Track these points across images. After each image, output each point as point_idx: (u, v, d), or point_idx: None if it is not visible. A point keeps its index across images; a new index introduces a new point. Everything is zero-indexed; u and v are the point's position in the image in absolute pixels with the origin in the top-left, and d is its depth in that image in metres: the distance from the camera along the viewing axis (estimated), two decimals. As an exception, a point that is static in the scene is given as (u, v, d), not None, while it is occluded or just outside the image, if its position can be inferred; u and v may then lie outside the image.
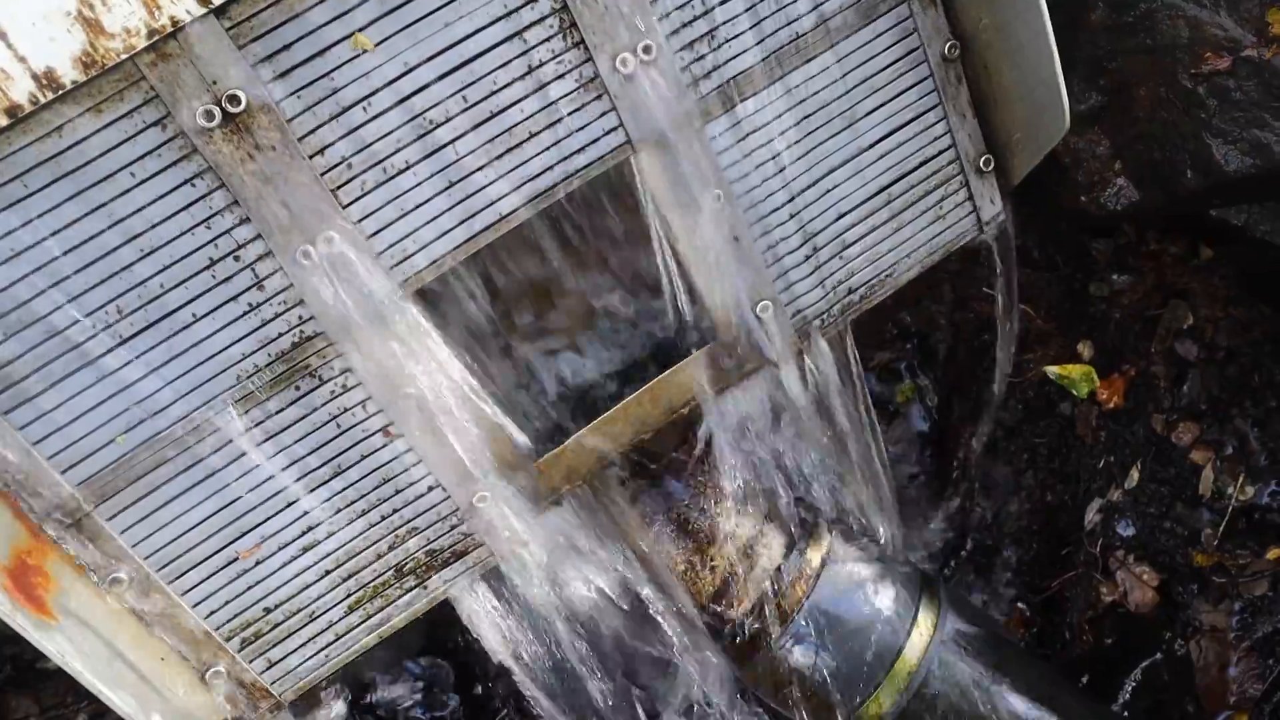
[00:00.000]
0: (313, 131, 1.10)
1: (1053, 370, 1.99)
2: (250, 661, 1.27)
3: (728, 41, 1.24)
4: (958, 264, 2.06)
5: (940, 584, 1.70)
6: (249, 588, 1.24)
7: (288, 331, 1.16)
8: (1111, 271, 1.97)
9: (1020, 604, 2.06)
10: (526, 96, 1.17)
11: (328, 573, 1.28)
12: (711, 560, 1.56)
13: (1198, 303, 1.91)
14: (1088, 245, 1.97)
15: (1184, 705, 1.76)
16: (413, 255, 1.18)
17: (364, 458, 1.24)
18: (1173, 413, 1.92)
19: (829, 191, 1.37)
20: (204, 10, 1.00)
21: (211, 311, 1.12)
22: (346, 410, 1.21)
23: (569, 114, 1.19)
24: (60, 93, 0.98)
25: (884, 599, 1.61)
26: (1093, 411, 1.99)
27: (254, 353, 1.16)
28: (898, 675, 1.58)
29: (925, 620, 1.62)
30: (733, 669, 1.63)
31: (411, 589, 1.33)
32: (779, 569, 1.57)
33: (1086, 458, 1.99)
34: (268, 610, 1.26)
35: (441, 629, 1.91)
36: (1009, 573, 2.08)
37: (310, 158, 1.10)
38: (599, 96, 1.20)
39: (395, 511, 1.28)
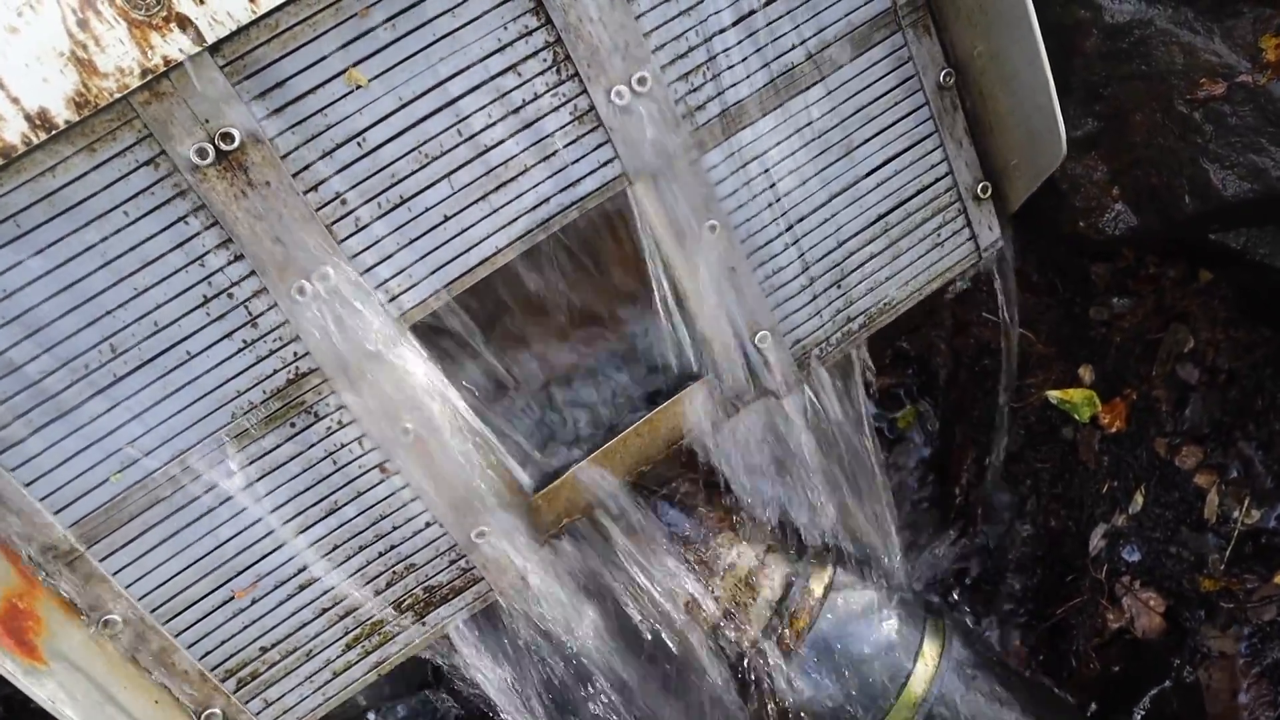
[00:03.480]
0: (307, 168, 1.09)
1: (1054, 395, 1.98)
2: (246, 702, 1.25)
3: (723, 72, 1.24)
4: (957, 288, 2.06)
5: (945, 613, 1.68)
6: (245, 627, 1.23)
7: (282, 368, 1.15)
8: (1111, 295, 1.96)
9: (1025, 631, 2.04)
10: (522, 130, 1.17)
11: (324, 610, 1.26)
12: (713, 591, 1.54)
13: (1198, 326, 1.90)
14: (1087, 269, 1.96)
15: (1194, 734, 1.74)
16: (408, 290, 1.17)
17: (360, 494, 1.23)
18: (1176, 436, 1.91)
19: (826, 221, 1.37)
20: (198, 49, 1.00)
21: (205, 349, 1.12)
22: (343, 447, 1.20)
23: (564, 147, 1.19)
24: (53, 133, 0.98)
25: (888, 629, 1.60)
26: (1095, 436, 1.98)
27: (248, 390, 1.15)
28: (903, 706, 1.56)
29: (930, 650, 1.60)
30: (736, 701, 1.61)
31: (410, 625, 1.31)
32: (781, 599, 1.56)
33: (1090, 482, 1.98)
34: (264, 649, 1.25)
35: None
36: (1013, 600, 2.06)
37: (304, 194, 1.10)
38: (594, 129, 1.20)
39: (393, 548, 1.27)
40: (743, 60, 1.25)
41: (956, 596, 2.08)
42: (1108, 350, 1.97)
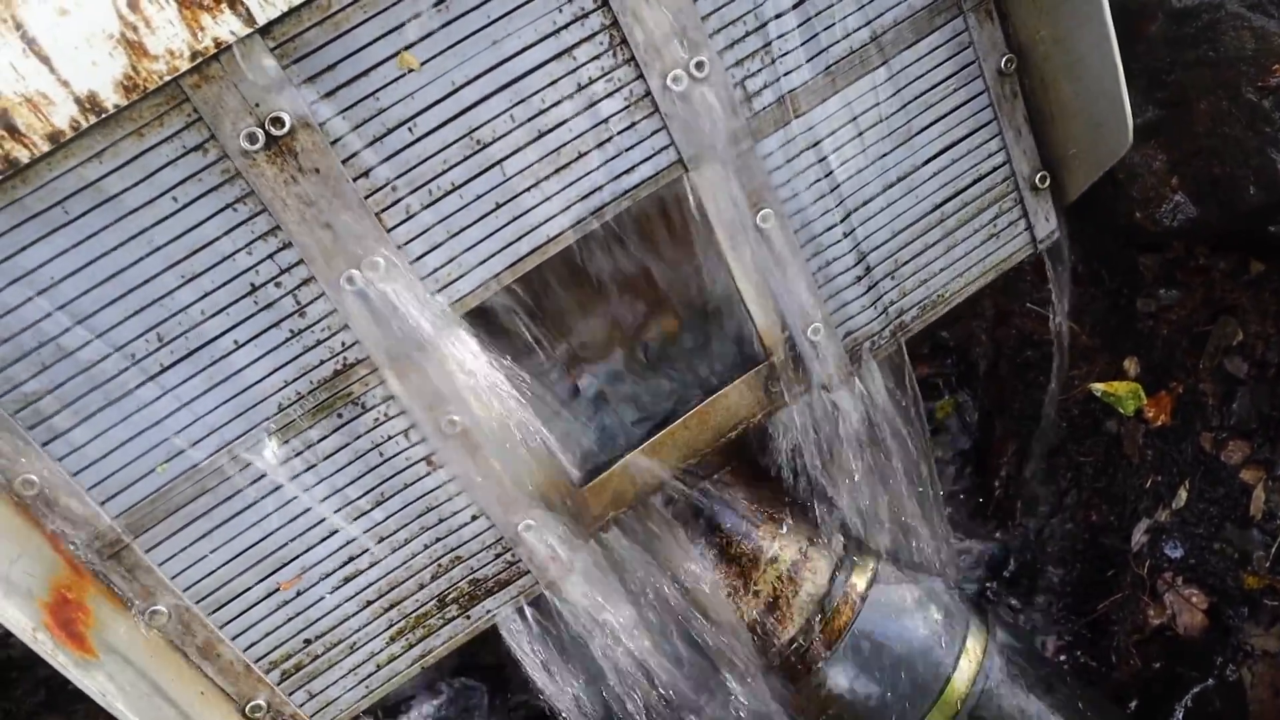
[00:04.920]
0: (357, 154, 1.07)
1: (1098, 387, 1.95)
2: (290, 694, 1.24)
3: (781, 57, 1.20)
4: (1000, 279, 2.02)
5: (989, 608, 1.66)
6: (290, 619, 1.21)
7: (330, 358, 1.13)
8: (1159, 287, 1.92)
9: (1064, 627, 2.01)
10: (575, 115, 1.14)
11: (369, 603, 1.25)
12: (755, 584, 1.52)
13: (1247, 319, 1.86)
14: (1135, 260, 1.92)
15: (1238, 733, 1.72)
16: (459, 279, 1.15)
17: (407, 486, 1.21)
18: (1222, 431, 1.87)
19: (882, 210, 1.33)
20: (248, 30, 0.97)
21: (253, 338, 1.09)
22: (390, 438, 1.18)
23: (619, 133, 1.16)
24: (102, 117, 0.95)
25: (932, 624, 1.57)
26: (1139, 430, 1.94)
27: (295, 380, 1.13)
28: (946, 703, 1.54)
29: (974, 646, 1.58)
30: (776, 695, 1.59)
31: (454, 619, 1.30)
32: (824, 594, 1.54)
33: (1133, 477, 1.95)
34: (308, 641, 1.23)
35: (476, 648, 1.88)
36: (1053, 595, 2.03)
37: (355, 180, 1.07)
38: (650, 115, 1.16)
39: (438, 540, 1.25)
40: (801, 45, 1.21)
41: (995, 590, 2.06)
42: (1154, 342, 1.93)
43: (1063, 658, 1.99)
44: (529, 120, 1.12)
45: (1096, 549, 2.00)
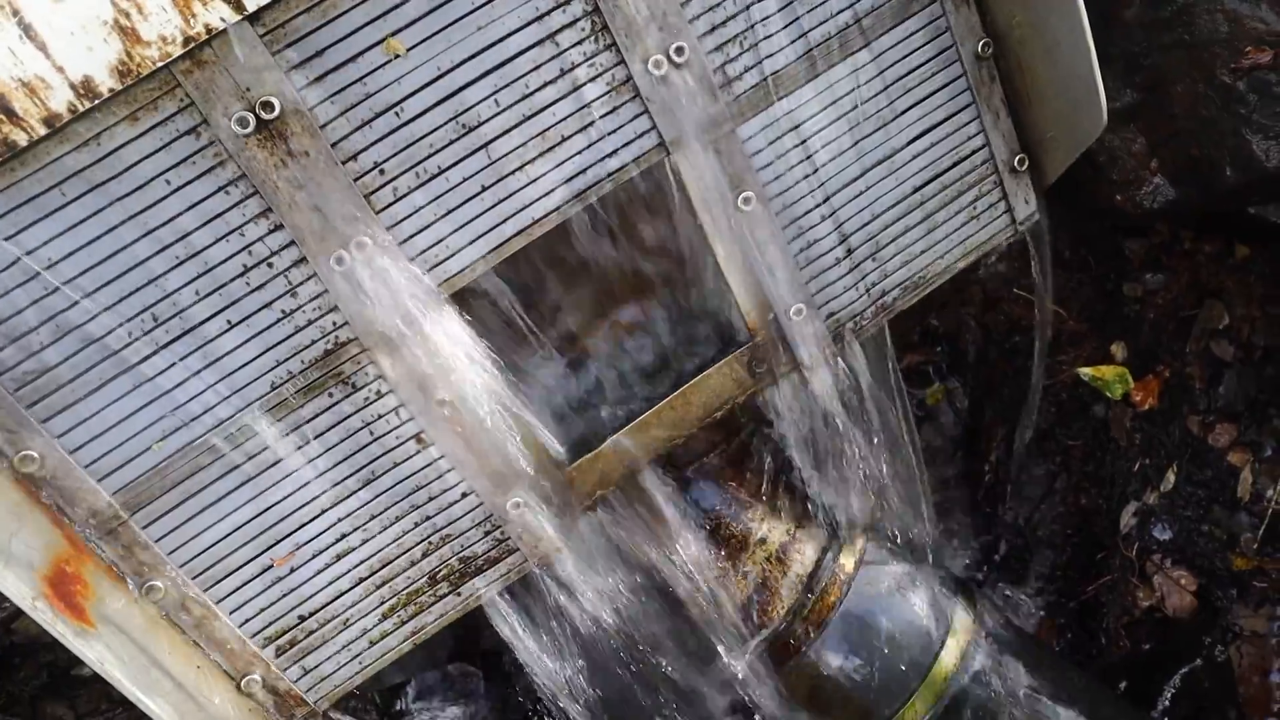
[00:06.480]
0: (346, 137, 1.10)
1: (1086, 371, 1.97)
2: (285, 669, 1.27)
3: (760, 42, 1.23)
4: (988, 264, 2.04)
5: (976, 589, 1.68)
6: (283, 595, 1.24)
7: (321, 338, 1.16)
8: (1145, 271, 1.94)
9: (1054, 609, 2.03)
10: (559, 100, 1.16)
11: (361, 580, 1.27)
12: (744, 565, 1.55)
13: (1233, 302, 1.88)
14: (1121, 245, 1.94)
15: (1226, 713, 1.73)
16: (446, 260, 1.17)
17: (397, 465, 1.23)
18: (1209, 414, 1.89)
19: (863, 193, 1.36)
20: (238, 17, 1.00)
21: (245, 319, 1.12)
22: (380, 417, 1.21)
23: (602, 117, 1.19)
24: (97, 101, 0.98)
25: (919, 604, 1.60)
26: (1127, 413, 1.96)
27: (287, 360, 1.15)
28: (933, 681, 1.56)
29: (962, 625, 1.60)
30: (766, 675, 1.61)
31: (445, 596, 1.32)
32: (812, 574, 1.56)
33: (1121, 460, 1.96)
34: (302, 618, 1.26)
35: (472, 634, 1.90)
36: (1043, 577, 2.05)
37: (343, 163, 1.10)
38: (632, 99, 1.19)
39: (428, 519, 1.27)
40: (780, 30, 1.24)
41: (986, 573, 2.08)
42: (1141, 327, 1.95)
43: (1052, 640, 2.01)
44: (514, 104, 1.15)
45: (1086, 532, 2.02)
